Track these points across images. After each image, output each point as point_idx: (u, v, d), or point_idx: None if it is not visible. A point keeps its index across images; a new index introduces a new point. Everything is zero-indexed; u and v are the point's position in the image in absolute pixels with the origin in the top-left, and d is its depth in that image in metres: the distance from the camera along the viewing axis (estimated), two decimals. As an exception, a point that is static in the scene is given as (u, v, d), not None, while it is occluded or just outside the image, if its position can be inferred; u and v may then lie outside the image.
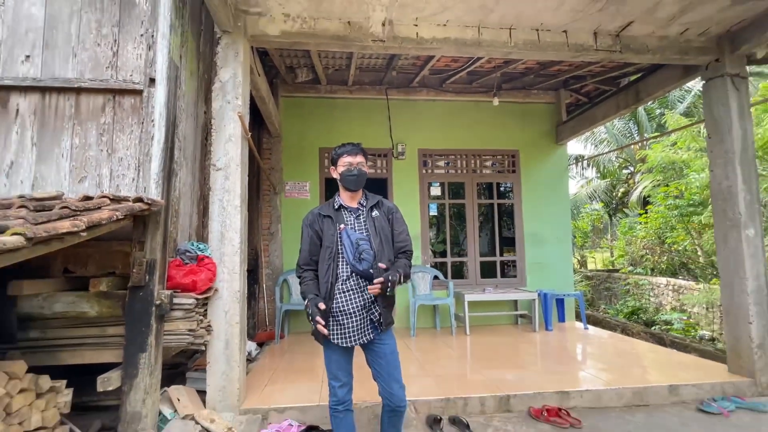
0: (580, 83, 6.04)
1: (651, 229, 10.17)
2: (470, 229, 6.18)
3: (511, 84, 6.21)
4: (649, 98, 4.85)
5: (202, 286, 2.67)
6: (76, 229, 1.64)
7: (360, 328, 1.97)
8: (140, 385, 2.30)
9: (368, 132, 5.84)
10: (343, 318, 1.96)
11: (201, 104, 3.37)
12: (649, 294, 9.21)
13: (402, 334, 5.32)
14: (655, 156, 9.67)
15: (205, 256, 2.83)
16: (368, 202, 2.10)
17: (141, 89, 2.65)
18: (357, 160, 2.05)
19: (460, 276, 6.64)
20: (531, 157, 6.34)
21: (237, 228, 2.96)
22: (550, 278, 6.12)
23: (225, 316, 2.87)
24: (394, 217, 2.09)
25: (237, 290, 2.91)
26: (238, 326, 2.89)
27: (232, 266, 2.91)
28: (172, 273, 2.59)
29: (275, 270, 5.58)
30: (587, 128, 5.97)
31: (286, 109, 5.86)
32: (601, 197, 14.59)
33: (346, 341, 1.96)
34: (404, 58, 5.30)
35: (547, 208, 6.27)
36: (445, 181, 6.24)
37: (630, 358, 4.17)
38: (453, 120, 6.19)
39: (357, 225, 2.06)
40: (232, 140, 3.04)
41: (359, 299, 1.98)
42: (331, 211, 2.07)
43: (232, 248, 2.93)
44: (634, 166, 13.88)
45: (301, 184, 5.78)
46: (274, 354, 4.44)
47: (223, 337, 2.85)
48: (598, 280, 11.53)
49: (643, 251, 10.61)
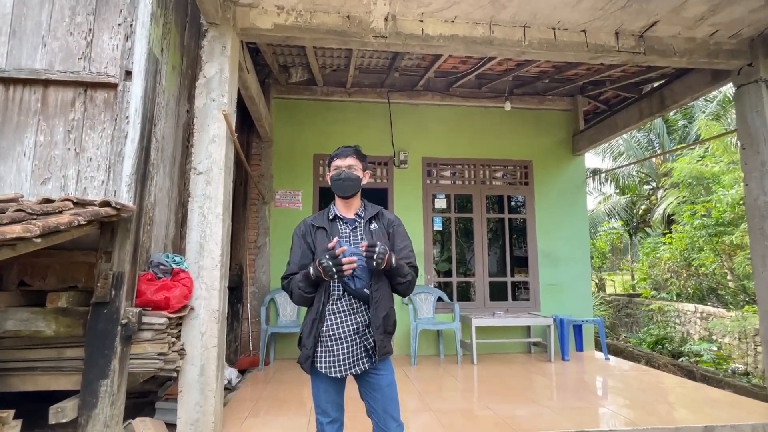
0: (599, 89, 6.07)
1: (676, 250, 10.08)
2: (478, 247, 6.13)
3: (523, 89, 6.23)
4: (675, 105, 4.85)
5: (175, 303, 2.59)
6: (28, 235, 1.56)
7: (352, 355, 1.87)
8: (99, 417, 2.18)
9: (368, 138, 5.83)
10: (334, 344, 1.87)
11: (183, 102, 3.33)
12: (674, 321, 9.08)
13: (401, 362, 5.24)
14: (681, 169, 9.63)
15: (180, 269, 2.76)
16: (367, 213, 2.04)
17: (116, 83, 2.61)
18: (346, 162, 2.00)
19: (467, 298, 6.55)
20: (545, 168, 6.33)
21: (218, 239, 2.89)
22: (567, 302, 6.04)
23: (201, 338, 2.77)
24: (395, 231, 2.03)
25: (216, 309, 2.83)
26: (215, 350, 2.79)
27: (211, 282, 2.83)
28: (143, 288, 2.51)
29: (261, 288, 5.50)
30: (607, 138, 5.98)
31: (279, 112, 5.87)
32: (620, 214, 14.54)
33: (336, 371, 1.86)
34: (408, 58, 5.32)
35: (563, 224, 6.23)
36: (451, 192, 6.22)
37: (656, 393, 4.07)
38: (460, 126, 6.21)
39: (353, 238, 1.99)
40: (216, 141, 2.99)
41: (352, 323, 1.89)
42: (325, 222, 2.00)
43: (212, 261, 2.86)
44: (656, 180, 13.86)
45: (293, 193, 5.74)
46: (257, 382, 4.35)
47: (197, 363, 2.74)
48: (618, 306, 11.38)
49: (668, 274, 10.53)
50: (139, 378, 2.84)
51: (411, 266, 1.98)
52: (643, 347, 8.84)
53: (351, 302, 1.90)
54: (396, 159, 5.98)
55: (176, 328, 2.70)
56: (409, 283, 1.93)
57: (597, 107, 6.63)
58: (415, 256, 2.05)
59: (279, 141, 5.78)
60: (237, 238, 5.32)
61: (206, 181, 2.93)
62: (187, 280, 2.73)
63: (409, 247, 2.03)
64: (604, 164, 15.74)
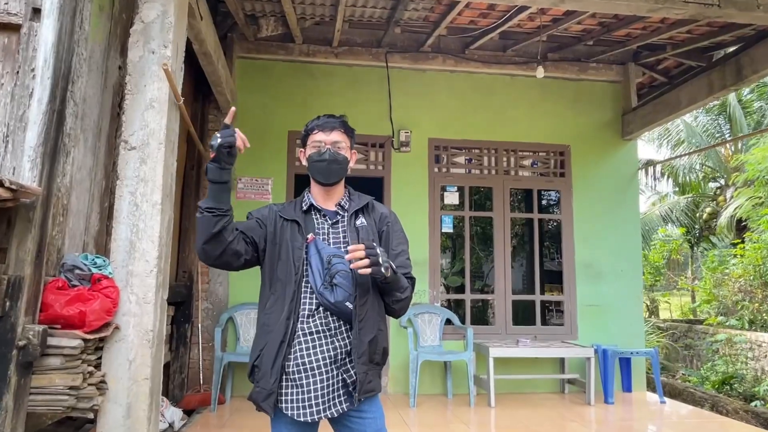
0: (657, 56, 6.07)
1: (749, 264, 10.07)
2: (499, 255, 6.10)
3: (560, 53, 6.22)
4: (755, 77, 4.88)
5: (94, 320, 2.48)
6: None
7: (328, 393, 1.81)
8: (-16, 473, 2.04)
9: (360, 112, 5.77)
10: (303, 377, 1.80)
11: (114, 55, 3.22)
12: (746, 356, 9.04)
13: (397, 402, 5.20)
14: (757, 162, 9.62)
15: (103, 275, 2.65)
16: (351, 204, 2.00)
17: (18, 23, 2.49)
18: (331, 138, 1.94)
19: (484, 321, 6.54)
20: (586, 155, 6.31)
21: (155, 236, 2.80)
22: (612, 328, 6.03)
23: (129, 367, 2.68)
24: (390, 230, 2.00)
25: (150, 329, 2.74)
26: (147, 384, 2.69)
27: (144, 293, 2.75)
28: (50, 299, 2.40)
29: (217, 304, 5.47)
30: (666, 117, 5.98)
31: (245, 76, 5.83)
32: (679, 219, 14.51)
33: (306, 413, 1.79)
34: (413, 9, 5.27)
35: (608, 228, 6.23)
36: (465, 185, 6.21)
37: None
38: (478, 100, 6.19)
39: (333, 236, 1.95)
40: (155, 107, 2.91)
41: (328, 348, 1.83)
42: (297, 214, 1.95)
43: (146, 266, 2.77)
44: (725, 177, 13.85)
45: (261, 181, 5.71)
46: (209, 427, 4.32)
47: (123, 400, 2.65)
48: (675, 335, 11.35)
49: (738, 295, 10.48)
50: (46, 420, 2.71)
51: (408, 278, 1.95)
52: (706, 387, 8.83)
53: (328, 321, 1.83)
54: (395, 140, 5.95)
55: (95, 354, 2.60)
56: (407, 299, 1.92)
57: (654, 79, 6.62)
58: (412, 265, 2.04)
59: (244, 114, 5.74)
60: (186, 239, 5.29)
61: (140, 159, 2.84)
62: (112, 290, 2.62)
63: (406, 252, 2.01)
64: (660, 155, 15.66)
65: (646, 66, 6.37)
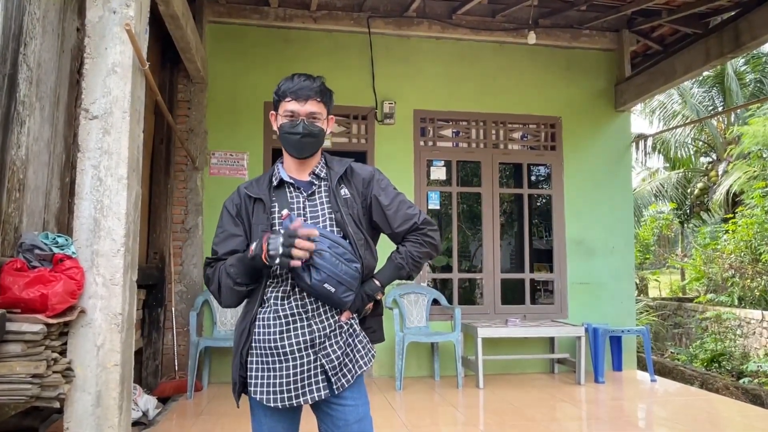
0: (652, 22, 6.03)
1: (741, 240, 10.26)
2: (488, 233, 6.13)
3: (552, 19, 6.18)
4: (754, 43, 4.86)
5: (57, 303, 2.43)
6: None
7: (304, 377, 1.76)
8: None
9: (340, 81, 5.59)
10: (275, 361, 1.76)
11: (72, 16, 3.14)
12: (734, 333, 9.28)
13: (382, 385, 5.22)
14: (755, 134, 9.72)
15: (66, 255, 2.61)
16: (332, 173, 1.89)
17: (-40, -24, 2.35)
18: (306, 108, 1.80)
19: (472, 301, 6.60)
20: (578, 127, 6.33)
21: (121, 212, 2.74)
22: (603, 307, 6.11)
23: (97, 353, 2.64)
24: (375, 193, 1.89)
25: (118, 312, 2.69)
26: (118, 370, 2.66)
27: (112, 274, 2.69)
28: (7, 281, 2.36)
29: (191, 286, 5.44)
30: (661, 87, 5.97)
31: (216, 42, 5.75)
32: (670, 195, 14.73)
33: (275, 398, 1.76)
34: (396, -30, 5.12)
35: (600, 203, 6.28)
36: (452, 159, 6.22)
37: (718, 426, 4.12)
38: (466, 69, 6.17)
39: (310, 210, 1.85)
40: (118, 72, 2.81)
41: (304, 332, 1.77)
42: (263, 190, 1.87)
43: (113, 245, 2.71)
44: (718, 151, 14.04)
45: (236, 155, 5.67)
46: (185, 415, 4.32)
47: (91, 388, 2.61)
48: (664, 313, 11.58)
49: (729, 272, 10.70)
50: (9, 410, 2.66)
51: (418, 227, 1.88)
52: (695, 365, 9.03)
53: (305, 302, 1.77)
54: (379, 112, 5.92)
55: (59, 339, 2.55)
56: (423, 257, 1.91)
57: (648, 47, 6.63)
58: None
59: (216, 83, 5.68)
60: (157, 217, 5.26)
61: (103, 130, 2.75)
62: (75, 271, 2.57)
63: (405, 202, 1.93)
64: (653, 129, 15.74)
65: (640, 33, 6.35)
